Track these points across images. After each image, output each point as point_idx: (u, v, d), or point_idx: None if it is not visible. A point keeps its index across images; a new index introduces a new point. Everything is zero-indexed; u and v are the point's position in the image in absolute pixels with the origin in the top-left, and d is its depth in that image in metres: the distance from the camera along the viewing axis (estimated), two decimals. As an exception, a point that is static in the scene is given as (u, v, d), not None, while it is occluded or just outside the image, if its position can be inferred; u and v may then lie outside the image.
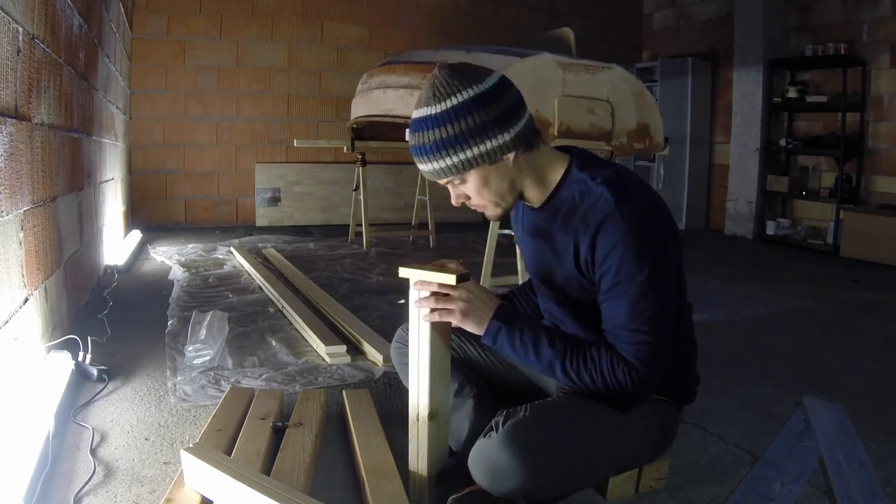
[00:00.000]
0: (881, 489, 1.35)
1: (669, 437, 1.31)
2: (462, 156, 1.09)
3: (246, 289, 3.14)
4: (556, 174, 1.21)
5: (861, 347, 2.52)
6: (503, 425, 1.11)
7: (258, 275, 3.27)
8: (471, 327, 1.18)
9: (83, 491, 1.27)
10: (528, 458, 1.08)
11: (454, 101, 1.08)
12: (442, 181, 1.16)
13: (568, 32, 3.53)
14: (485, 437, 1.13)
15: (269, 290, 2.98)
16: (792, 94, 5.28)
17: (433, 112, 1.09)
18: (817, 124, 5.33)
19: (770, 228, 5.50)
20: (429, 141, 1.10)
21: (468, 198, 1.19)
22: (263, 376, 1.95)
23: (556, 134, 2.82)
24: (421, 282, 1.19)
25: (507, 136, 1.10)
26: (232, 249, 4.05)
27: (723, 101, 6.05)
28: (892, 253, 4.38)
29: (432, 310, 1.18)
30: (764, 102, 5.41)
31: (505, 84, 1.13)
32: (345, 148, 4.34)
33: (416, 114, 1.12)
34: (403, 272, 1.22)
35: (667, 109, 5.60)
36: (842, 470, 1.43)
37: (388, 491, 1.21)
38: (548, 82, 2.84)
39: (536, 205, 1.24)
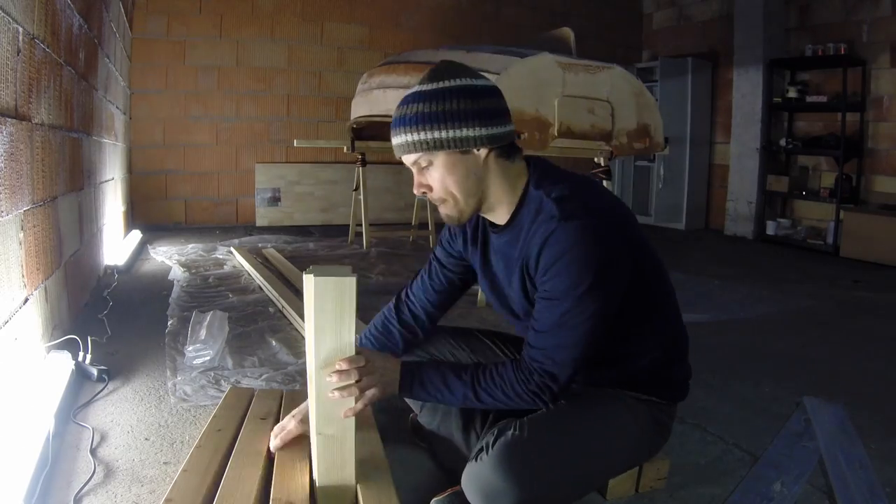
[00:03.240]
0: (881, 489, 1.35)
1: (664, 434, 1.30)
2: (436, 133, 1.09)
3: (246, 289, 3.14)
4: (520, 189, 1.19)
5: (861, 347, 2.52)
6: (493, 446, 1.09)
7: (258, 275, 3.27)
8: (388, 393, 1.17)
9: (83, 491, 1.27)
10: (521, 478, 1.06)
11: (446, 83, 1.11)
12: (410, 158, 1.15)
13: (568, 32, 3.52)
14: (476, 459, 1.11)
15: (269, 291, 2.98)
16: (792, 94, 5.28)
17: (424, 88, 1.12)
18: (817, 124, 5.33)
19: (770, 228, 5.50)
20: (410, 112, 1.11)
21: (430, 188, 1.16)
22: (263, 376, 1.95)
23: (556, 134, 2.82)
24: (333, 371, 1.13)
25: (483, 131, 1.11)
26: (232, 249, 4.05)
27: (723, 101, 6.05)
28: (892, 253, 4.38)
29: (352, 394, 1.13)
30: (764, 102, 5.41)
31: (497, 92, 1.15)
32: (345, 148, 4.33)
33: (410, 90, 1.15)
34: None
35: (667, 109, 5.60)
36: (842, 470, 1.43)
37: (375, 480, 1.22)
38: (548, 82, 2.84)
39: (501, 222, 1.22)
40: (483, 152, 1.13)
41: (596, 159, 3.11)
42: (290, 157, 5.57)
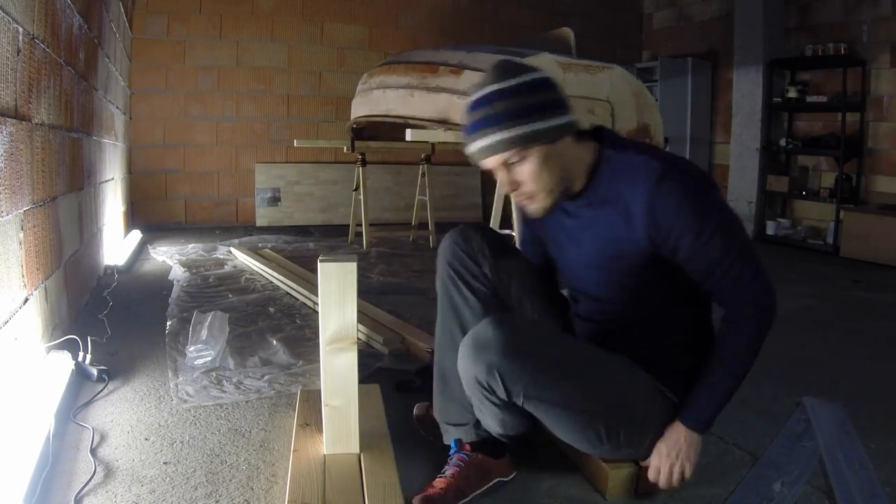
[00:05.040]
0: (882, 489, 1.35)
1: (655, 438, 1.26)
2: (529, 128, 1.09)
3: (246, 289, 3.14)
4: (591, 160, 1.21)
5: (861, 347, 2.52)
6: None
7: (263, 267, 3.28)
8: (699, 449, 1.27)
9: (83, 491, 1.27)
10: (508, 332, 1.15)
11: (518, 79, 1.11)
12: (499, 158, 1.13)
13: (568, 32, 3.52)
14: None
15: (276, 277, 3.01)
16: (792, 94, 5.27)
17: (500, 87, 1.11)
18: (817, 124, 5.33)
19: (770, 228, 5.50)
20: (495, 111, 1.10)
21: (519, 184, 1.16)
22: (266, 377, 1.95)
23: (556, 134, 2.82)
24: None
25: (567, 118, 1.14)
26: (232, 249, 4.05)
27: (723, 101, 6.04)
28: (892, 253, 4.38)
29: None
30: (764, 102, 5.41)
31: (556, 82, 1.17)
32: (345, 148, 4.33)
33: (483, 91, 1.13)
34: None
35: (667, 109, 5.59)
36: (842, 470, 1.43)
37: (382, 480, 1.26)
38: (548, 82, 2.84)
39: (575, 192, 1.23)
40: (569, 139, 1.16)
41: (596, 159, 3.11)
42: (290, 157, 5.57)
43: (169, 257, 3.85)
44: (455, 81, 3.00)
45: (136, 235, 4.38)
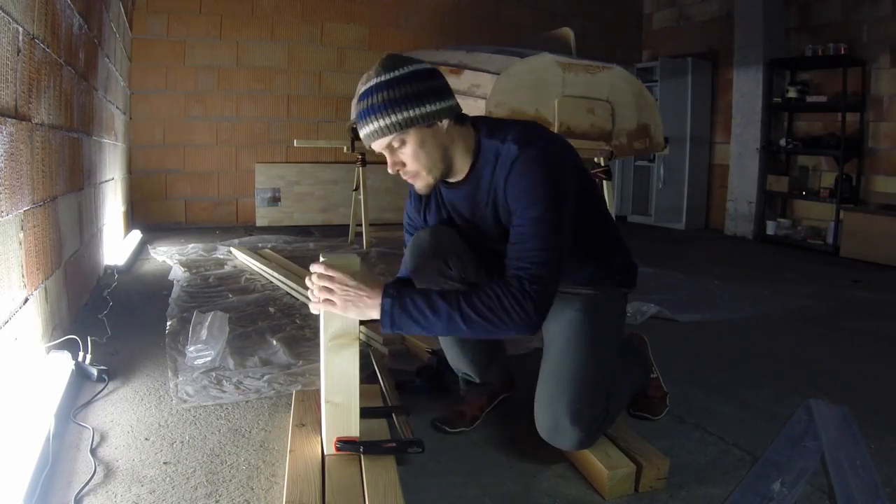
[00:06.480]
0: (883, 491, 1.35)
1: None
2: (404, 114, 1.23)
3: (246, 289, 3.14)
4: (474, 145, 1.36)
5: (861, 347, 2.52)
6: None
7: (263, 267, 3.27)
8: (355, 314, 1.26)
9: (83, 491, 1.27)
10: (588, 426, 1.35)
11: (398, 72, 1.25)
12: (383, 142, 1.28)
13: (568, 32, 3.53)
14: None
15: (275, 276, 3.00)
16: (792, 94, 5.28)
17: (381, 80, 1.25)
18: (817, 124, 5.33)
19: (770, 228, 5.50)
20: (376, 101, 1.24)
21: (403, 165, 1.31)
22: (266, 377, 1.95)
23: (556, 134, 2.83)
24: (318, 274, 1.27)
25: (442, 104, 1.27)
26: (232, 249, 4.05)
27: (723, 101, 6.05)
28: (892, 253, 4.38)
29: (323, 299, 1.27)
30: (764, 102, 5.41)
31: (438, 72, 1.31)
32: (345, 148, 4.33)
33: (364, 86, 1.27)
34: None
35: (667, 109, 5.60)
36: (844, 472, 1.43)
37: (382, 479, 1.26)
38: (548, 82, 2.84)
39: (460, 177, 1.38)
40: (445, 123, 1.29)
41: (596, 159, 3.11)
42: (290, 157, 5.58)
43: (169, 257, 3.85)
44: (455, 81, 3.00)
45: (136, 235, 4.38)
